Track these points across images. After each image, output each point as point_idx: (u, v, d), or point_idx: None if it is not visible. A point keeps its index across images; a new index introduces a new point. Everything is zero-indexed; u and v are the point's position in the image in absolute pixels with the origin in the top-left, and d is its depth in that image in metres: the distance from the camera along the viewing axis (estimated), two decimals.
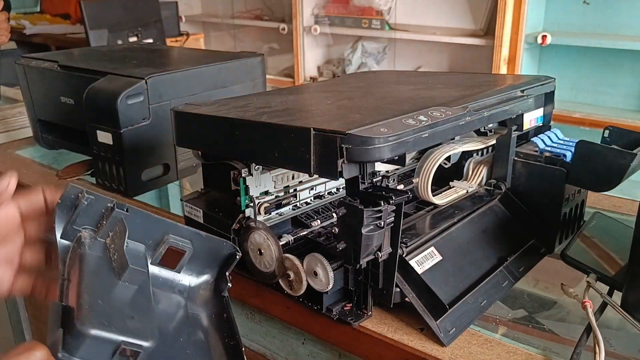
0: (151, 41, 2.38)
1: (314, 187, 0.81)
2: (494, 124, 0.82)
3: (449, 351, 0.62)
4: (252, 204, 0.73)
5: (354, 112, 0.70)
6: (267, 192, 0.76)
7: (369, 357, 0.67)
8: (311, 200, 0.81)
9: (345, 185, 0.62)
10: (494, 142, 0.83)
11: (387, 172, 0.88)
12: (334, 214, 0.78)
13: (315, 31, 2.64)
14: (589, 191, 0.87)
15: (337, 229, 0.64)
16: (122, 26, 2.27)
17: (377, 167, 0.63)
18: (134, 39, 2.31)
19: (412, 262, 0.67)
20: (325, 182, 0.82)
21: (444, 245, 0.72)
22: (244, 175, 0.72)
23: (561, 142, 0.83)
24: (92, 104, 0.99)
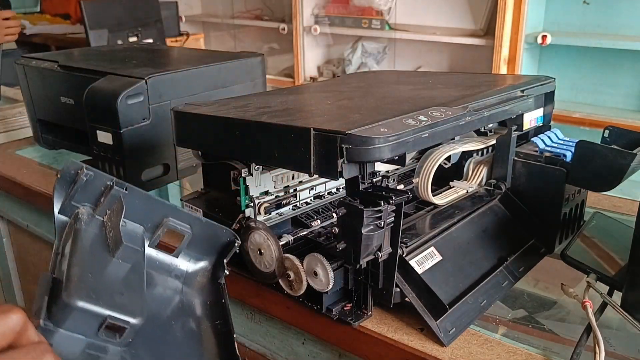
0: (151, 41, 2.38)
1: (314, 187, 0.81)
2: (494, 124, 0.82)
3: (449, 351, 0.62)
4: (252, 204, 0.73)
5: (354, 112, 0.70)
6: (267, 192, 0.76)
7: (369, 357, 0.67)
8: (311, 200, 0.81)
9: (345, 185, 0.62)
10: (494, 142, 0.83)
11: (387, 172, 0.88)
12: (334, 214, 0.78)
13: (315, 31, 2.64)
14: (589, 191, 0.87)
15: (337, 229, 0.64)
16: (122, 26, 2.27)
17: (377, 167, 0.63)
18: (134, 39, 2.31)
19: (412, 262, 0.67)
20: (325, 182, 0.82)
21: (444, 245, 0.72)
22: (244, 175, 0.72)
23: (561, 142, 0.83)
24: (92, 104, 0.99)
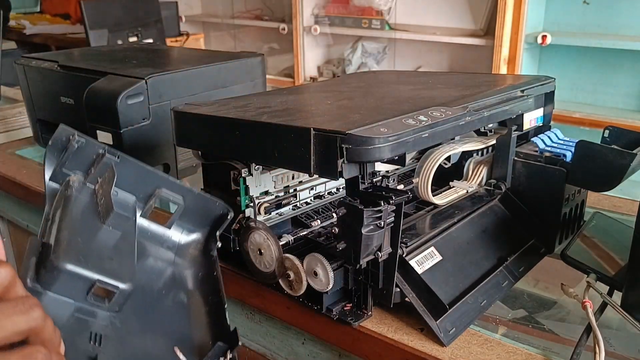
0: (151, 41, 2.38)
1: (314, 187, 0.81)
2: (494, 124, 0.82)
3: (449, 351, 0.62)
4: (252, 204, 0.73)
5: (354, 112, 0.70)
6: (267, 192, 0.76)
7: (369, 357, 0.67)
8: (311, 200, 0.81)
9: (345, 185, 0.62)
10: (494, 142, 0.83)
11: (387, 172, 0.88)
12: (334, 214, 0.78)
13: (315, 31, 2.64)
14: (589, 191, 0.87)
15: (337, 229, 0.64)
16: (122, 26, 2.27)
17: (377, 167, 0.63)
18: (134, 39, 2.31)
19: (412, 262, 0.67)
20: (325, 182, 0.82)
21: (444, 245, 0.72)
22: (244, 175, 0.72)
23: (561, 142, 0.83)
24: (92, 104, 0.99)
